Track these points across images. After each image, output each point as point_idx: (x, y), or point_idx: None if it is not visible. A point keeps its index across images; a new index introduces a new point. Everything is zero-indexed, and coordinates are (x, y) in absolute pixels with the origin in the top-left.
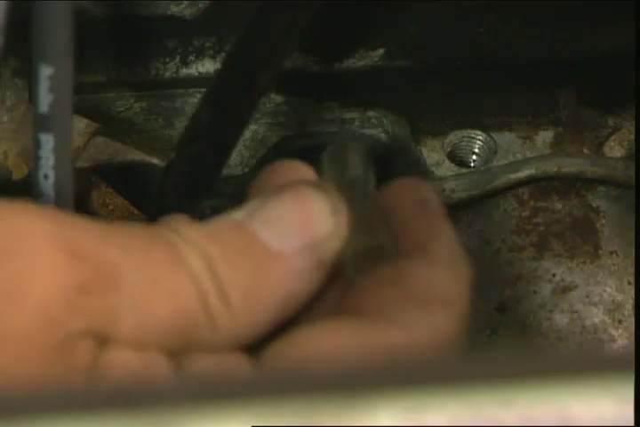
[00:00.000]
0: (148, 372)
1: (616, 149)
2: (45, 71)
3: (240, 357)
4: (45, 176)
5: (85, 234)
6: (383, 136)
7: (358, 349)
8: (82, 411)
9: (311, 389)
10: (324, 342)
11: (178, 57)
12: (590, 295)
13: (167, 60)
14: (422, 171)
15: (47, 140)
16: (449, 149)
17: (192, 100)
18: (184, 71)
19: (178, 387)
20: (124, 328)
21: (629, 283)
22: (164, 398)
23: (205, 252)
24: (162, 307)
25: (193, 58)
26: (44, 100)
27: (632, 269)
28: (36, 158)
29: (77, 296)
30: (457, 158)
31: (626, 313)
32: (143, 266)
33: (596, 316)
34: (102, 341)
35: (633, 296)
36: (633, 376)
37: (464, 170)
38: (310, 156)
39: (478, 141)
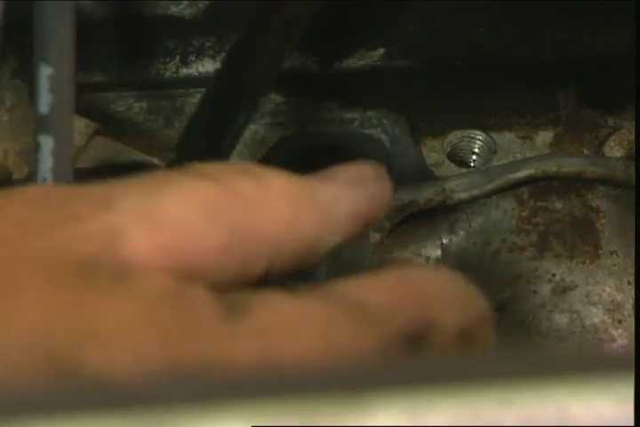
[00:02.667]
0: (188, 300)
1: (616, 149)
2: (46, 71)
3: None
4: (44, 179)
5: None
6: (383, 136)
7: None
8: (79, 411)
9: (311, 389)
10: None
11: (178, 57)
12: (590, 295)
13: (167, 59)
14: (422, 171)
15: (46, 143)
16: (449, 149)
17: (192, 100)
18: (184, 71)
19: (177, 387)
20: (138, 243)
21: (629, 283)
22: (162, 397)
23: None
24: (174, 208)
25: (193, 58)
26: (45, 101)
27: (632, 269)
28: (35, 161)
29: (75, 229)
30: (457, 158)
31: (625, 313)
32: (137, 186)
33: (596, 316)
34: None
35: (633, 296)
36: (633, 376)
37: (464, 170)
38: (310, 156)
39: (478, 141)
